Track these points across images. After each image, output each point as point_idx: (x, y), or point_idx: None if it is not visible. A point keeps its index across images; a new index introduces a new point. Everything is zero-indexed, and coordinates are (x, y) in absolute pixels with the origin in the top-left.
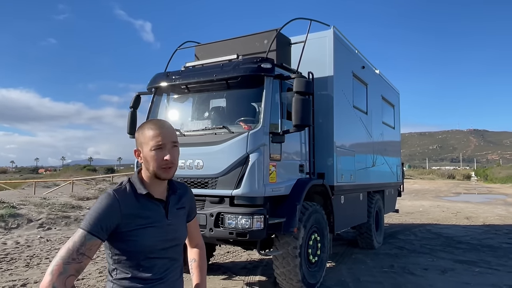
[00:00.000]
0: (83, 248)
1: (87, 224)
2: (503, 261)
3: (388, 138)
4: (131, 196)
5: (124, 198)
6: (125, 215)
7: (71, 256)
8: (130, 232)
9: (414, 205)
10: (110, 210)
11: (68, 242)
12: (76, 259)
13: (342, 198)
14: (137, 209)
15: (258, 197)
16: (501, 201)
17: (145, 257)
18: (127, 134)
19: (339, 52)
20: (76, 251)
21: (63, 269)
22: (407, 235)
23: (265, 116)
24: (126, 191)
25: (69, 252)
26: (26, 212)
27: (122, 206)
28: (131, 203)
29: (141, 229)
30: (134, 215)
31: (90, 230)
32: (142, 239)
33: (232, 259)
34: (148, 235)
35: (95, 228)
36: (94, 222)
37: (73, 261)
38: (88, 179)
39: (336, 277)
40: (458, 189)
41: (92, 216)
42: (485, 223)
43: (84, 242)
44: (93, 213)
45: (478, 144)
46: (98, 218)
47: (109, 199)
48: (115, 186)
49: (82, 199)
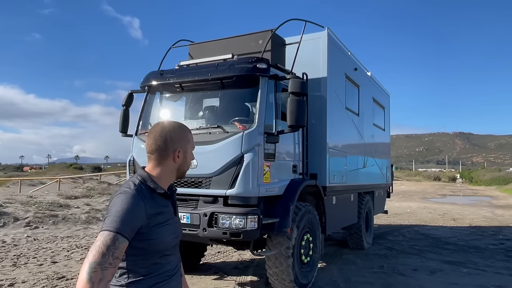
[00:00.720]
0: (117, 252)
1: (118, 226)
2: (490, 262)
3: (378, 140)
4: (149, 196)
5: (146, 197)
6: (149, 215)
7: (108, 261)
8: (150, 232)
9: (402, 207)
10: (138, 211)
11: (100, 247)
12: (112, 263)
13: (334, 198)
14: (156, 208)
15: (252, 197)
16: (486, 203)
17: (162, 254)
18: (120, 132)
19: (333, 54)
20: (111, 255)
21: (102, 275)
22: (395, 236)
23: (260, 116)
24: (145, 191)
25: (105, 257)
26: (12, 210)
27: (147, 206)
28: (151, 202)
29: (160, 228)
30: (154, 214)
31: (122, 231)
32: (161, 237)
33: (223, 259)
34: (166, 233)
35: (126, 229)
36: (124, 223)
37: (110, 266)
38: (75, 178)
39: (327, 277)
40: (444, 191)
41: (121, 217)
42: (471, 224)
43: (117, 245)
44: (121, 214)
45: (464, 146)
46: (127, 219)
47: (135, 199)
48: (130, 185)
49: (70, 197)
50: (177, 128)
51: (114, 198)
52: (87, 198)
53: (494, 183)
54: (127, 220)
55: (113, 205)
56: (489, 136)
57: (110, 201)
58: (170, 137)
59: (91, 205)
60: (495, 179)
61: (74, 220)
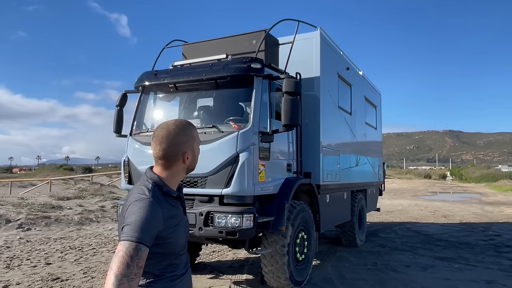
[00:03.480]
0: (141, 262)
1: (139, 236)
2: (480, 257)
3: (370, 138)
4: (164, 199)
5: (162, 203)
6: (165, 220)
7: (133, 272)
8: (168, 235)
9: (394, 204)
10: (156, 218)
11: (123, 257)
12: (137, 273)
13: (328, 197)
14: (170, 211)
15: (248, 196)
16: (476, 200)
17: (178, 254)
18: (114, 132)
19: (325, 54)
20: (136, 265)
21: (129, 286)
22: (388, 233)
23: (255, 115)
24: (159, 195)
25: (130, 268)
26: (4, 212)
27: (164, 211)
28: (166, 206)
29: (176, 229)
30: (170, 217)
31: (143, 241)
32: (177, 239)
33: (218, 258)
34: (181, 234)
35: (147, 237)
36: (145, 232)
37: (135, 276)
38: (66, 179)
39: (321, 275)
40: (435, 189)
41: (141, 226)
42: (461, 221)
43: (140, 255)
44: (140, 223)
45: (453, 144)
46: (147, 227)
47: (153, 206)
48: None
49: (62, 199)
50: (182, 130)
51: (130, 206)
52: (80, 199)
53: (483, 180)
54: (147, 229)
55: (130, 213)
56: (478, 134)
57: (126, 209)
58: (177, 142)
59: (84, 206)
60: (484, 177)
61: (67, 221)
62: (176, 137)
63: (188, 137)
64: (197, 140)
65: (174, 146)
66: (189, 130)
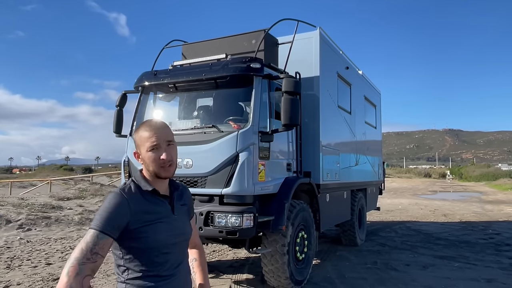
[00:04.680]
0: (96, 248)
1: (98, 224)
2: (480, 256)
3: (370, 138)
4: (137, 194)
5: (131, 196)
6: (134, 212)
7: (86, 256)
8: (141, 229)
9: (393, 203)
10: (120, 208)
11: (81, 244)
12: (90, 258)
13: (328, 196)
14: (145, 205)
15: (248, 195)
16: (476, 199)
17: (159, 252)
18: (114, 133)
19: (325, 53)
20: (90, 251)
21: (79, 270)
22: (388, 232)
23: (255, 115)
24: (132, 190)
25: (83, 253)
26: (4, 212)
27: (130, 203)
28: (138, 200)
29: (151, 225)
30: (142, 211)
31: (102, 229)
32: (153, 235)
33: (219, 257)
34: (159, 230)
35: (107, 226)
36: (105, 221)
37: (88, 261)
38: (66, 179)
39: (322, 274)
40: (435, 187)
41: (103, 216)
42: (461, 220)
43: (97, 242)
44: (103, 212)
45: (453, 143)
46: (108, 217)
47: (117, 198)
48: (121, 186)
49: (62, 199)
50: (136, 130)
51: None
52: (80, 199)
53: (483, 179)
54: (108, 218)
55: (101, 205)
56: (478, 132)
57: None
58: (134, 140)
59: (84, 206)
60: (484, 175)
61: (67, 222)
62: (134, 137)
63: (135, 137)
64: (144, 143)
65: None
66: (140, 131)
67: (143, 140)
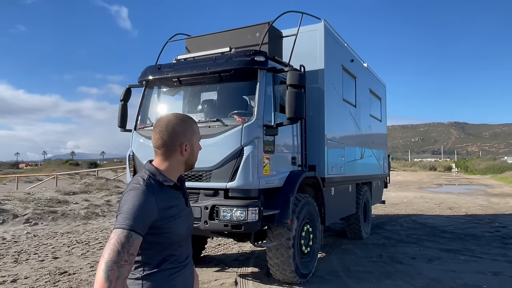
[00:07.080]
0: (132, 249)
1: (130, 223)
2: (486, 249)
3: (375, 131)
4: (159, 189)
5: (156, 192)
6: (161, 209)
7: (123, 258)
8: (164, 225)
9: (399, 196)
10: (149, 206)
11: (114, 245)
12: (128, 260)
13: (333, 189)
14: (168, 201)
15: (253, 189)
16: (481, 192)
17: (178, 246)
18: (118, 127)
19: (330, 46)
20: (126, 253)
21: (119, 273)
22: (393, 226)
23: (259, 109)
24: (154, 185)
25: (120, 255)
26: (11, 207)
27: (157, 200)
28: (162, 196)
29: (173, 220)
30: (167, 207)
31: (135, 228)
32: (175, 230)
33: (224, 251)
34: (180, 224)
35: (139, 225)
36: (137, 220)
37: (126, 263)
38: (72, 174)
39: (327, 267)
40: (440, 181)
41: (133, 214)
42: (467, 213)
43: (132, 242)
44: (133, 211)
45: (459, 136)
46: (139, 215)
47: (146, 196)
48: (139, 181)
49: (68, 193)
50: (182, 121)
51: (125, 195)
52: (86, 194)
53: (489, 172)
54: (139, 217)
55: (124, 202)
56: (484, 125)
57: (121, 198)
58: (175, 131)
59: (90, 201)
60: (490, 168)
61: (73, 216)
62: (175, 127)
63: (186, 129)
64: (196, 134)
65: (172, 135)
66: (188, 122)
67: (195, 131)
